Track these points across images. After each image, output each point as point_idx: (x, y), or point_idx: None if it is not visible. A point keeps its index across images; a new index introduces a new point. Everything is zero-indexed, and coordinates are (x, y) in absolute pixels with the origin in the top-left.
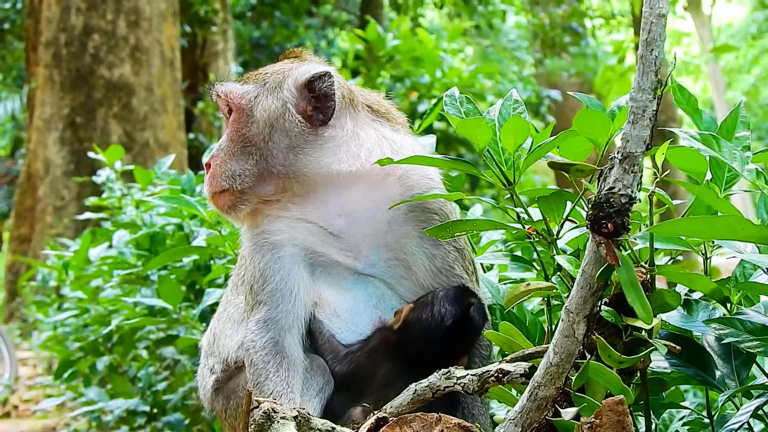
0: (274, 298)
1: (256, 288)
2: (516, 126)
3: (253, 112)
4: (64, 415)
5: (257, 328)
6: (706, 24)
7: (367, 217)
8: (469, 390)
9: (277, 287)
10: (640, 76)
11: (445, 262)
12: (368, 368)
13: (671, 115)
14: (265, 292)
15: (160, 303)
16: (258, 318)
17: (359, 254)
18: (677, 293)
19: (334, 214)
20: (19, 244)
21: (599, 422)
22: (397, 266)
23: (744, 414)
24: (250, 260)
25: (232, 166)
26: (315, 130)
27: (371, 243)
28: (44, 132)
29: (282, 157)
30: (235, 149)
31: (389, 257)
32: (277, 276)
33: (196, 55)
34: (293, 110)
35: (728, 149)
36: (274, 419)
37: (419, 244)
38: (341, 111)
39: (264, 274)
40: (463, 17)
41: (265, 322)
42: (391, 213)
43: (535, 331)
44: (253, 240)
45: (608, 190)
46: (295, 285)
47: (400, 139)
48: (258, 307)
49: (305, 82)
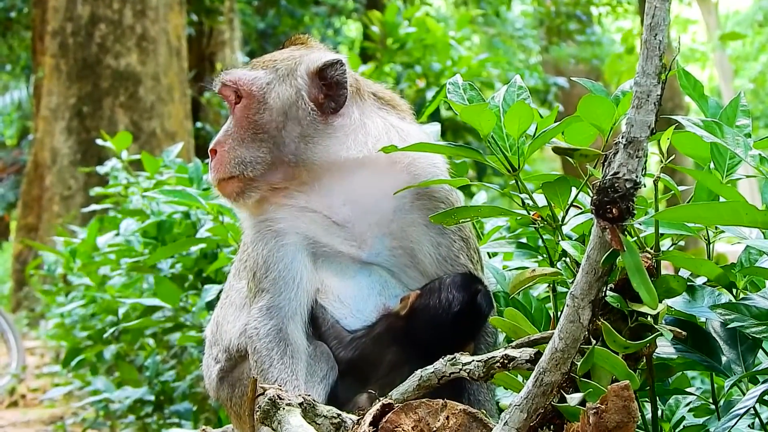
0: (276, 286)
1: (259, 275)
2: (520, 112)
3: (265, 98)
4: (71, 404)
5: (260, 316)
6: (713, 11)
7: (373, 206)
8: (475, 376)
9: (280, 275)
10: (644, 61)
11: (450, 251)
12: (374, 354)
13: (678, 103)
14: (267, 279)
15: (158, 303)
16: (261, 305)
17: (363, 243)
18: (682, 278)
19: (338, 203)
20: (27, 234)
21: (605, 407)
22: (401, 255)
23: (750, 399)
24: (253, 248)
25: (242, 153)
26: (325, 118)
27: (376, 231)
28: (51, 121)
29: (293, 145)
30: (245, 136)
31: (393, 246)
32: (280, 264)
33: (203, 45)
34: (306, 98)
35: (731, 135)
36: (279, 406)
37: (425, 232)
38: (349, 99)
39: (267, 262)
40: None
41: (268, 310)
42: (397, 201)
43: (540, 318)
44: (257, 228)
45: (613, 175)
46: (297, 273)
47: (406, 127)
48: (261, 294)
49: (317, 70)
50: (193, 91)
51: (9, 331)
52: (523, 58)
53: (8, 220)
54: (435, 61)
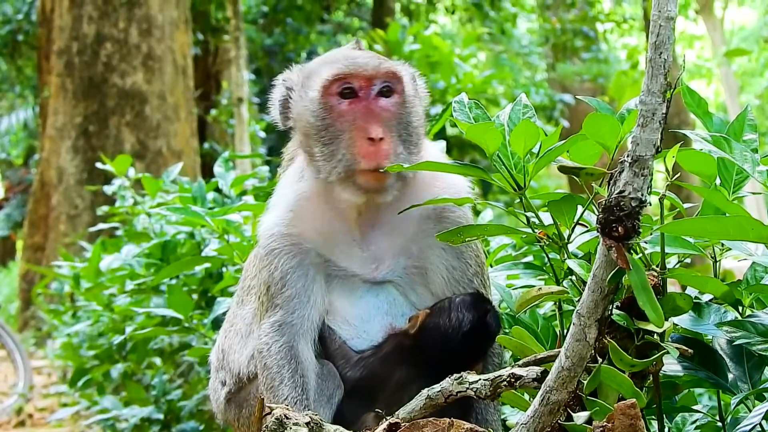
0: (291, 303)
1: (274, 290)
2: (526, 130)
3: (416, 99)
4: (78, 424)
5: (272, 332)
6: (718, 27)
7: (400, 228)
8: (482, 395)
9: (297, 293)
10: (650, 79)
11: (465, 275)
12: (381, 374)
13: (684, 119)
14: (283, 296)
15: (171, 313)
16: (273, 321)
17: (382, 264)
18: (689, 296)
19: (367, 224)
20: (33, 253)
21: (611, 426)
22: (415, 274)
23: (756, 416)
24: (275, 260)
25: (400, 150)
26: None
27: (396, 253)
28: (57, 141)
29: None
30: (401, 134)
31: (408, 265)
32: (299, 283)
33: (209, 63)
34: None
35: (739, 150)
36: (286, 425)
37: (441, 255)
38: None
39: (285, 278)
40: (476, 23)
41: (281, 326)
42: (422, 225)
43: (547, 336)
44: (280, 241)
45: (618, 193)
46: (313, 293)
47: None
48: (273, 309)
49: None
50: (199, 109)
51: (16, 350)
52: (529, 75)
53: (15, 239)
54: (438, 79)
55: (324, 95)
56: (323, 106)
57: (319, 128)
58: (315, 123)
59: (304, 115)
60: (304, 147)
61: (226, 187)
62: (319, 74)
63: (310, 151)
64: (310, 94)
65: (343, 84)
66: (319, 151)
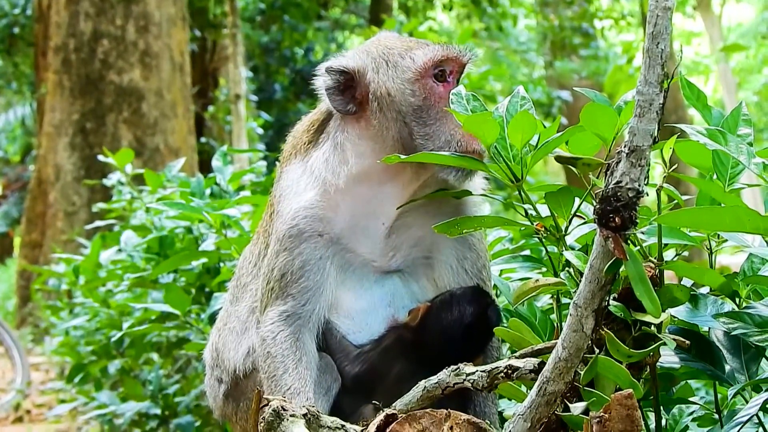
0: (305, 295)
1: (290, 279)
2: (523, 122)
3: None
4: (76, 420)
5: (279, 321)
6: (716, 24)
7: (421, 220)
8: (479, 386)
9: (312, 285)
10: (647, 70)
11: (475, 265)
12: (381, 367)
13: (681, 116)
14: (299, 286)
15: (168, 309)
16: (282, 310)
17: (398, 252)
18: (686, 288)
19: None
20: (31, 250)
21: (608, 416)
22: (423, 264)
23: (753, 407)
24: (300, 246)
25: None
26: None
27: (411, 242)
28: (54, 138)
29: None
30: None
31: (418, 255)
32: (317, 275)
33: (206, 60)
34: None
35: (734, 143)
36: (283, 417)
37: (454, 245)
38: None
39: (304, 268)
40: (473, 19)
41: (288, 317)
42: (438, 218)
43: (544, 329)
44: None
45: (615, 183)
46: (327, 286)
47: None
48: (284, 298)
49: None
50: (196, 106)
51: (14, 347)
52: (527, 72)
53: (12, 236)
54: None
55: (423, 77)
56: (422, 87)
57: (420, 108)
58: (415, 103)
59: (397, 96)
60: (383, 129)
61: (223, 182)
62: (414, 57)
63: (397, 134)
64: (407, 75)
65: (439, 67)
66: (418, 131)
